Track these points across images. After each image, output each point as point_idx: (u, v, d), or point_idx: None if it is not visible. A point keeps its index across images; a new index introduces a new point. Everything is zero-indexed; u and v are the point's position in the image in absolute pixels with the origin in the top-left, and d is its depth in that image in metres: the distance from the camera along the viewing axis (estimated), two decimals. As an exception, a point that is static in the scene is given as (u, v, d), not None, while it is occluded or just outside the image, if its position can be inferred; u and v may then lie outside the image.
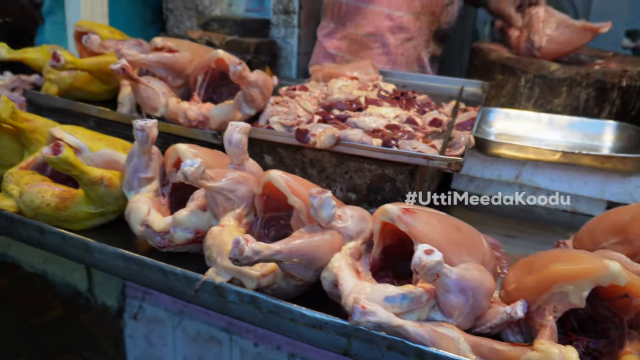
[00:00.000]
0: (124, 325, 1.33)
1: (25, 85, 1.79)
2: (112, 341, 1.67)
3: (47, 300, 2.08)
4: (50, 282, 2.02)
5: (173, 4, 2.08)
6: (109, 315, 1.61)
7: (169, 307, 1.32)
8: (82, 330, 1.88)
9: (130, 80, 1.10)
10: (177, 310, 1.28)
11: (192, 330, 1.19)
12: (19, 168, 1.00)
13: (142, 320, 1.42)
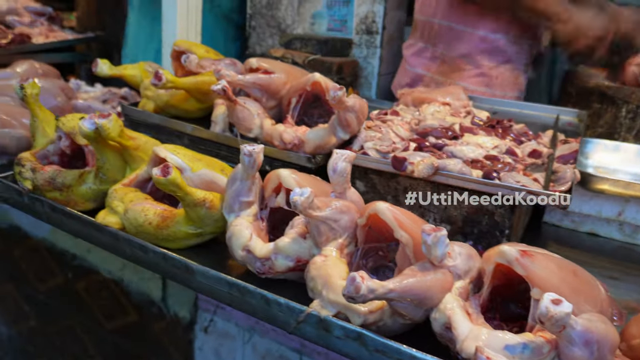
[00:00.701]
0: (194, 337, 1.34)
1: (116, 98, 1.86)
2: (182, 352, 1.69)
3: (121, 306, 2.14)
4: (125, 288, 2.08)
5: (256, 22, 2.11)
6: (180, 326, 1.63)
7: (240, 322, 1.33)
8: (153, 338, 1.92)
9: (228, 101, 1.12)
10: (248, 327, 1.28)
11: (262, 348, 1.19)
12: (122, 185, 1.03)
13: (212, 333, 1.43)
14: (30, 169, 1.06)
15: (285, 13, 2.05)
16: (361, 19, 1.91)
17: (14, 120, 1.29)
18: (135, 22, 2.24)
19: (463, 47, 1.67)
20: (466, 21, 1.64)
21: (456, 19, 1.65)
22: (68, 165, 1.16)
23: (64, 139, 1.10)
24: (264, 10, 2.08)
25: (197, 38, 1.51)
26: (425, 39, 1.75)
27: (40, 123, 1.15)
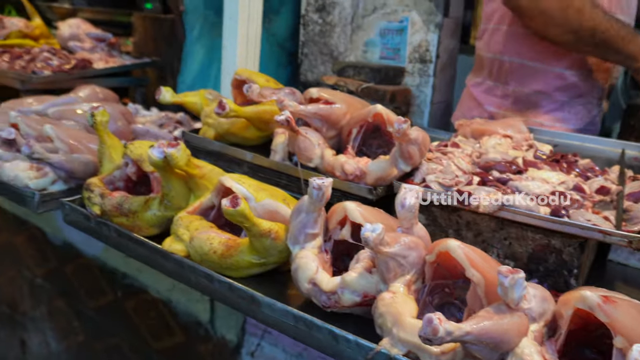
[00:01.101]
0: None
1: (172, 122, 1.91)
2: (227, 375, 1.68)
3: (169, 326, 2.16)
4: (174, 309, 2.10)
5: (309, 49, 2.14)
6: (227, 349, 1.64)
7: (288, 348, 1.32)
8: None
9: (291, 131, 1.13)
10: (295, 353, 1.27)
11: (308, 374, 1.17)
12: (187, 212, 1.04)
13: (259, 358, 1.43)
14: (98, 195, 1.09)
15: (337, 41, 2.07)
16: (414, 47, 1.91)
17: (80, 145, 1.33)
18: (192, 48, 2.30)
19: (537, 84, 1.65)
20: (539, 58, 1.61)
21: (529, 56, 1.63)
22: (133, 191, 1.19)
23: (131, 166, 1.13)
24: (316, 38, 2.11)
25: (255, 66, 1.54)
26: (494, 77, 1.72)
27: (107, 149, 1.19)
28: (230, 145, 1.33)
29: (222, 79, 1.53)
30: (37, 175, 1.25)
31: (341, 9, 2.04)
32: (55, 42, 2.51)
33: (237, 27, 1.43)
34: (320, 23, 2.09)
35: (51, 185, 1.26)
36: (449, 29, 1.90)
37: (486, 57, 1.75)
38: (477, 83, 1.80)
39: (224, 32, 1.49)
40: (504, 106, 1.73)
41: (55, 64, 2.08)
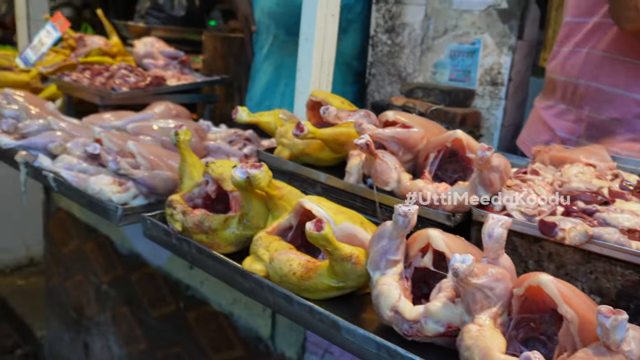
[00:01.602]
0: (299, 378, 1.33)
1: (241, 139, 1.95)
2: (285, 392, 1.68)
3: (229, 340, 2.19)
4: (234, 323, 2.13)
5: (376, 70, 2.15)
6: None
7: (349, 369, 1.30)
8: (258, 375, 1.93)
9: (369, 155, 1.13)
10: None
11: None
12: (266, 232, 1.06)
13: (318, 376, 1.41)
14: (181, 212, 1.12)
15: (406, 62, 2.07)
16: (486, 69, 1.89)
17: (160, 162, 1.38)
18: (260, 66, 2.36)
19: (614, 111, 1.58)
20: (619, 83, 1.55)
21: (607, 81, 1.56)
22: (210, 208, 1.22)
23: (211, 184, 1.16)
24: (384, 59, 2.12)
25: (327, 87, 1.55)
26: (567, 100, 1.67)
27: (188, 167, 1.22)
28: (304, 165, 1.34)
29: (296, 99, 1.55)
30: (120, 190, 1.30)
31: (411, 30, 2.04)
32: (131, 59, 2.62)
33: (313, 49, 1.45)
34: (389, 44, 2.10)
35: (132, 199, 1.31)
36: (522, 51, 1.86)
37: (559, 80, 1.70)
38: (548, 106, 1.75)
39: (300, 53, 1.51)
40: (576, 132, 1.67)
41: (132, 81, 2.17)
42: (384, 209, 1.20)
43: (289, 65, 2.30)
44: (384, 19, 2.09)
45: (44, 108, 1.91)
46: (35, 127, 1.63)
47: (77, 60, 2.42)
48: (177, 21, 2.91)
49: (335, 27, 1.52)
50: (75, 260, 3.04)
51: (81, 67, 2.34)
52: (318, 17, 1.46)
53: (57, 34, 2.48)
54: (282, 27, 2.27)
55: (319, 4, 1.45)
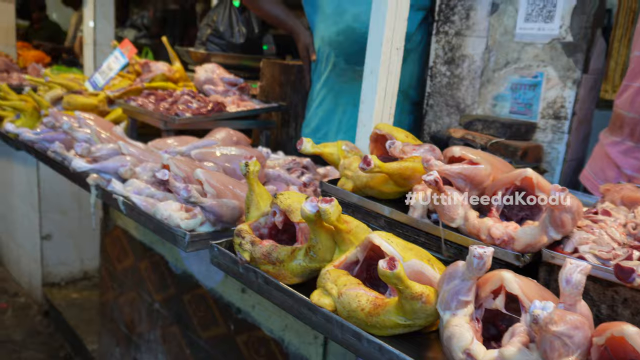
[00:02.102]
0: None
1: (299, 167, 1.98)
2: None
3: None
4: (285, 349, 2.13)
5: (434, 100, 2.15)
6: (336, 395, 1.60)
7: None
8: (308, 404, 1.92)
9: (437, 191, 1.13)
10: None
11: None
12: (334, 266, 1.07)
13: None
14: (249, 242, 1.14)
15: (465, 93, 2.06)
16: (549, 103, 1.86)
17: (226, 190, 1.41)
18: (318, 94, 2.39)
19: None
20: None
21: None
22: (275, 238, 1.24)
23: (279, 215, 1.18)
24: (443, 90, 2.12)
25: (390, 120, 1.56)
26: (636, 138, 1.62)
27: (255, 197, 1.25)
28: (367, 198, 1.35)
29: (358, 131, 1.57)
30: (188, 216, 1.34)
31: (471, 62, 2.03)
32: (192, 84, 2.71)
33: (377, 82, 1.46)
34: (448, 75, 2.10)
35: (199, 226, 1.34)
36: (587, 85, 1.83)
37: (628, 116, 1.66)
38: (615, 142, 1.71)
39: (364, 85, 1.53)
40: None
41: (194, 107, 2.24)
42: (449, 246, 1.19)
43: (347, 92, 2.32)
44: (444, 50, 2.10)
45: (112, 131, 2.00)
46: (106, 151, 1.70)
47: (142, 85, 2.52)
48: (236, 48, 2.99)
49: (399, 60, 1.53)
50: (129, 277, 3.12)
51: (146, 92, 2.44)
52: (383, 51, 1.48)
53: (125, 60, 2.60)
54: (342, 55, 2.30)
55: (385, 38, 1.47)
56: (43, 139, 1.92)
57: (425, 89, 2.18)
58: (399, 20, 1.49)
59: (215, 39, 3.02)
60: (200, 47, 3.06)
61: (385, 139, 1.42)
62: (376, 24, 1.50)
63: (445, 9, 2.09)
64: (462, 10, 2.05)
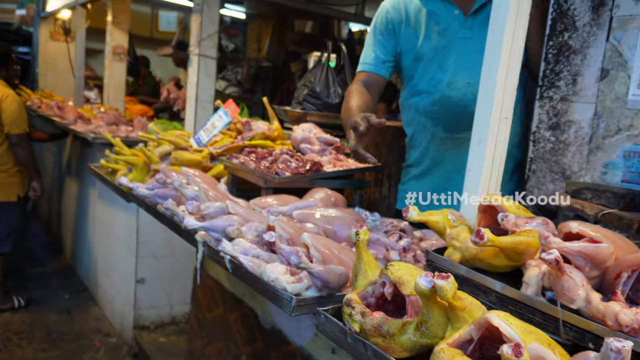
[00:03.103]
0: None
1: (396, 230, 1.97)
2: None
3: None
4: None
5: (537, 166, 2.09)
6: None
7: None
8: None
9: (557, 271, 1.08)
10: None
11: None
12: (447, 344, 1.04)
13: None
14: (359, 313, 1.14)
15: (571, 160, 1.99)
16: (666, 173, 1.75)
17: (332, 255, 1.43)
18: (420, 163, 2.41)
19: None
20: None
21: None
22: (382, 308, 1.23)
23: (388, 286, 1.18)
24: (547, 156, 2.05)
25: (497, 189, 1.53)
26: None
27: (364, 265, 1.25)
28: (476, 270, 1.31)
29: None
30: (294, 280, 1.36)
31: (578, 128, 1.97)
32: (289, 142, 2.81)
33: (485, 151, 1.45)
34: (553, 141, 2.04)
35: (305, 290, 1.36)
36: None
37: None
38: None
39: (470, 154, 1.52)
40: None
41: (293, 166, 2.31)
42: (568, 329, 1.13)
43: (449, 160, 2.33)
44: (548, 115, 2.05)
45: (217, 189, 2.09)
46: (214, 209, 1.78)
47: (243, 143, 2.64)
48: (332, 108, 3.08)
49: (507, 130, 1.52)
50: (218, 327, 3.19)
51: (247, 150, 2.55)
52: (492, 121, 1.47)
53: (228, 119, 2.74)
54: (439, 124, 2.32)
55: (494, 108, 1.46)
56: (155, 194, 2.05)
57: (527, 153, 2.13)
58: (508, 90, 1.48)
59: (312, 98, 3.12)
60: (297, 107, 3.17)
61: (493, 209, 1.39)
62: (485, 93, 1.50)
63: (550, 74, 2.06)
64: (568, 75, 2.00)
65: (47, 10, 8.56)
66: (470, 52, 2.23)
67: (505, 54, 1.50)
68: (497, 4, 1.54)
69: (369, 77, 2.49)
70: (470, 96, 2.22)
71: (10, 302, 4.98)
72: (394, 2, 2.43)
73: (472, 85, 2.22)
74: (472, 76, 2.21)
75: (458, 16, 2.26)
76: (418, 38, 2.33)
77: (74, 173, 6.06)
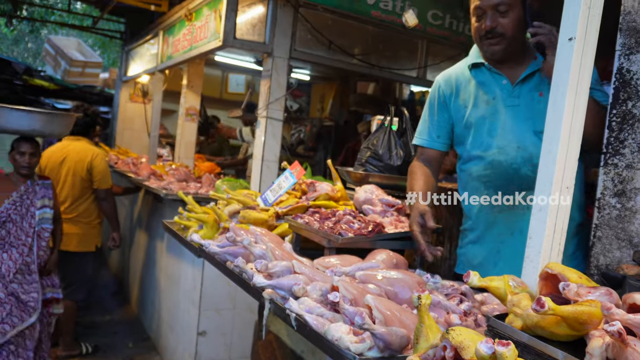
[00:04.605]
0: None
1: (457, 293, 1.98)
2: None
3: None
4: None
5: (602, 233, 2.07)
6: None
7: None
8: None
9: (620, 343, 1.09)
10: None
11: None
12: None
13: None
14: (421, 375, 1.18)
15: (639, 227, 1.96)
16: None
17: (394, 318, 1.47)
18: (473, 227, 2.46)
19: None
20: None
21: None
22: (443, 371, 1.25)
23: (449, 350, 1.21)
24: (613, 222, 2.04)
25: (559, 257, 1.55)
26: None
27: (425, 328, 1.30)
28: (538, 338, 1.32)
29: (525, 266, 1.57)
30: (357, 340, 1.42)
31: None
32: (351, 203, 2.90)
33: (547, 218, 1.48)
34: (619, 208, 2.02)
35: (367, 351, 1.40)
36: None
37: None
38: None
39: (532, 222, 1.55)
40: None
41: (355, 227, 2.39)
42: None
43: (502, 223, 2.36)
44: (613, 182, 2.05)
45: (282, 248, 2.19)
46: (280, 268, 1.87)
47: (307, 203, 2.76)
48: (394, 170, 3.16)
49: (569, 198, 1.55)
50: (278, 385, 3.21)
51: (311, 210, 2.66)
52: (553, 189, 1.51)
53: (294, 180, 2.88)
54: (491, 188, 2.37)
55: (555, 178, 1.50)
56: (226, 252, 2.17)
57: (593, 220, 2.11)
58: (570, 161, 1.52)
59: (374, 160, 3.22)
60: (360, 168, 3.28)
61: (555, 278, 1.41)
62: (546, 162, 1.54)
63: (614, 142, 2.07)
64: (633, 143, 2.01)
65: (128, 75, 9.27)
66: (518, 118, 2.30)
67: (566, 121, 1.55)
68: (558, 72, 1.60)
69: (427, 152, 2.66)
70: (520, 160, 2.30)
71: (78, 349, 5.21)
72: (446, 76, 2.58)
73: (522, 150, 2.29)
74: (521, 140, 2.29)
75: (506, 85, 2.36)
76: (467, 107, 2.45)
77: (144, 226, 6.38)
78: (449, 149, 2.65)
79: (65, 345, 5.13)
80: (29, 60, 22.95)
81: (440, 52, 5.59)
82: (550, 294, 1.43)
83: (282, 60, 4.71)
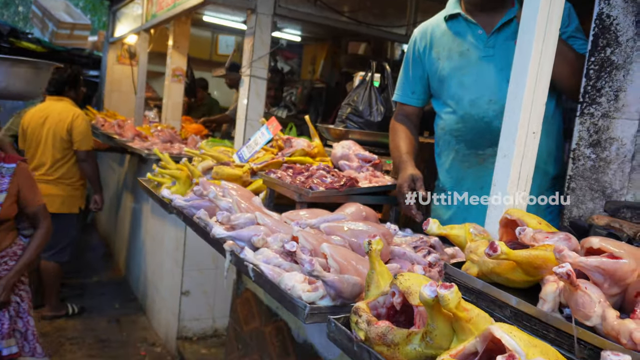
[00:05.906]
0: None
1: (425, 245, 1.94)
2: None
3: None
4: None
5: (576, 184, 2.02)
6: None
7: None
8: None
9: (570, 285, 1.04)
10: None
11: None
12: (450, 355, 1.02)
13: None
14: (365, 321, 1.14)
15: (612, 178, 1.91)
16: None
17: (349, 266, 1.43)
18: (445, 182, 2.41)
19: None
20: None
21: None
22: (393, 318, 1.22)
23: (397, 296, 1.17)
24: (587, 174, 1.98)
25: (523, 204, 1.50)
26: None
27: (376, 275, 1.25)
28: (493, 285, 1.28)
29: (488, 214, 1.52)
30: (310, 288, 1.38)
31: (619, 145, 1.89)
32: (329, 159, 2.84)
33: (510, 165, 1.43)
34: (593, 158, 1.96)
35: (320, 300, 1.36)
36: None
37: None
38: None
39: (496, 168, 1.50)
40: None
41: (328, 181, 2.33)
42: (583, 346, 1.08)
43: (471, 177, 2.32)
44: (589, 132, 1.98)
45: (251, 202, 2.14)
46: (243, 220, 1.82)
47: (282, 159, 2.69)
48: (374, 126, 3.09)
49: (535, 145, 1.49)
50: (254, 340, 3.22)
51: (285, 165, 2.60)
52: (518, 135, 1.45)
53: (270, 135, 2.81)
54: (462, 142, 2.32)
55: (520, 123, 1.44)
56: (191, 205, 2.12)
57: (567, 171, 2.06)
58: (536, 105, 1.45)
59: (355, 117, 3.15)
60: (340, 125, 3.20)
61: (516, 224, 1.36)
62: (512, 107, 1.48)
63: (591, 91, 1.99)
64: (610, 91, 1.94)
65: (115, 36, 9.07)
66: (491, 71, 2.23)
67: (533, 66, 1.48)
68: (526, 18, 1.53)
69: (404, 109, 2.60)
70: (492, 113, 2.22)
71: (65, 309, 5.22)
72: (422, 29, 2.50)
73: (494, 102, 2.21)
74: (494, 93, 2.22)
75: (481, 35, 2.28)
76: (440, 60, 2.38)
77: (130, 188, 6.33)
78: (425, 104, 2.58)
79: (51, 306, 5.14)
80: (20, 25, 22.51)
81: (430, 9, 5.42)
82: (510, 242, 1.39)
83: (266, 16, 4.58)
